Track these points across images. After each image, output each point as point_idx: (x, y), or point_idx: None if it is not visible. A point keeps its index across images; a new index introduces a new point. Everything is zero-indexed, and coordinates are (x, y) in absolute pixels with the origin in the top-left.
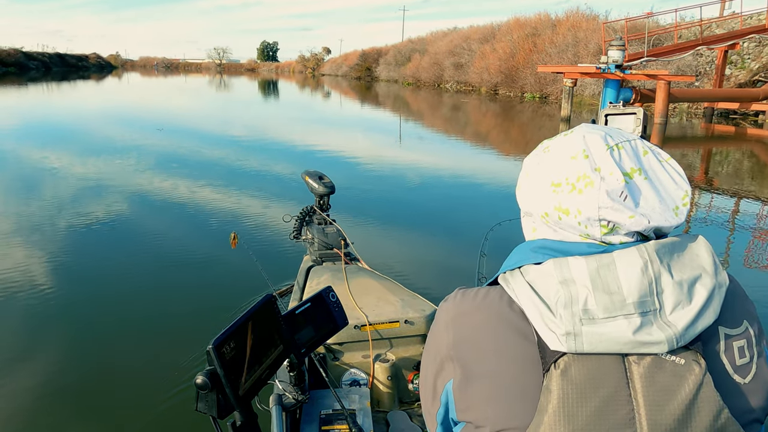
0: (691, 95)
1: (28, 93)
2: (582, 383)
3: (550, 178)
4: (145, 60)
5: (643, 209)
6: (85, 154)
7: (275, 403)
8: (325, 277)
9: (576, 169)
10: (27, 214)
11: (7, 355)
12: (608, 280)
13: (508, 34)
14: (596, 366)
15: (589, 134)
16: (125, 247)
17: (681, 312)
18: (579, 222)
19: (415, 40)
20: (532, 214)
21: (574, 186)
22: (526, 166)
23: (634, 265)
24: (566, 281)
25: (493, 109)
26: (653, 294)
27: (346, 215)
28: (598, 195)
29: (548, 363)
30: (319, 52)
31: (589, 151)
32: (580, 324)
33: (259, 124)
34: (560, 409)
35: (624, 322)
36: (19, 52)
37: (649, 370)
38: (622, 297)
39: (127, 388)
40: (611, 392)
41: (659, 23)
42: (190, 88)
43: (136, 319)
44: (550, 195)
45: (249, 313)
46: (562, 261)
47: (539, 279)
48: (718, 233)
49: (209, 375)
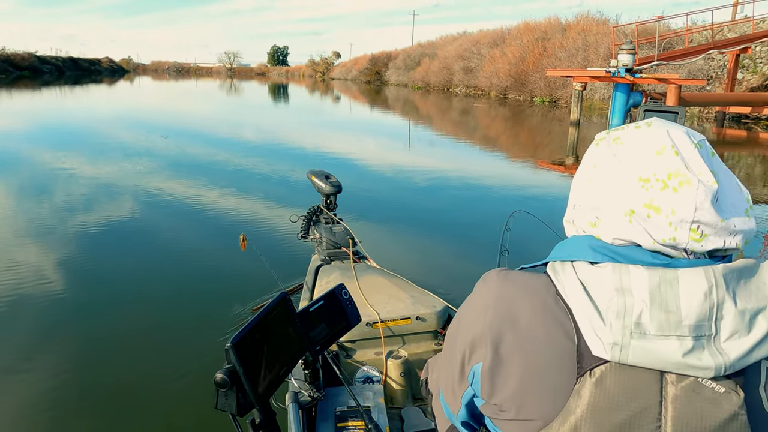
0: (702, 99)
1: (42, 96)
2: (615, 395)
3: (635, 171)
4: (156, 64)
5: (730, 213)
6: (95, 156)
7: (291, 401)
8: (335, 276)
9: (666, 165)
10: (40, 216)
11: (21, 354)
12: (668, 298)
13: (517, 38)
14: (633, 380)
15: (672, 129)
16: (135, 249)
17: (737, 342)
18: (670, 222)
19: (425, 44)
20: (601, 209)
21: (666, 183)
22: (596, 158)
23: (698, 287)
24: (623, 290)
25: (503, 114)
26: (712, 319)
27: (355, 215)
28: (696, 195)
29: (584, 369)
30: (329, 56)
31: (677, 148)
32: (630, 337)
33: (269, 127)
34: (588, 415)
35: (676, 343)
36: (33, 56)
37: (686, 392)
38: (679, 318)
39: (142, 386)
40: (642, 408)
41: (670, 27)
42: (201, 92)
43: (148, 318)
44: (639, 191)
45: (265, 311)
46: (622, 267)
47: (594, 280)
48: None
49: (228, 373)
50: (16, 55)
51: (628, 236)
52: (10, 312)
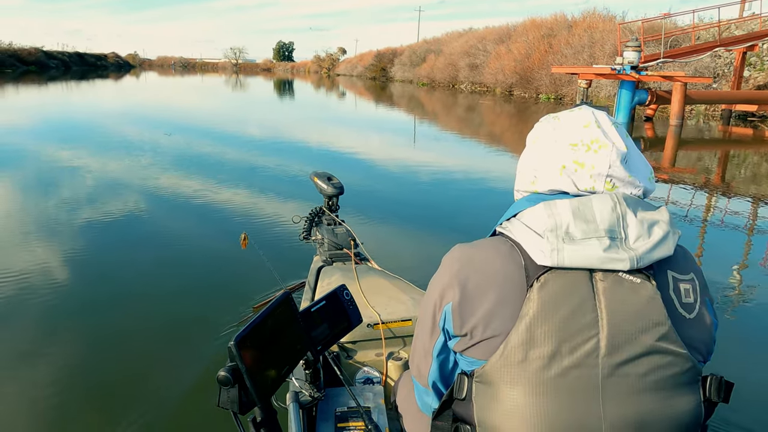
0: (708, 97)
1: (49, 91)
2: (557, 293)
3: (567, 138)
4: (162, 59)
5: (635, 173)
6: (99, 151)
7: (292, 401)
8: (336, 277)
9: (590, 134)
10: (39, 210)
11: (25, 348)
12: (586, 213)
13: (523, 35)
14: (569, 281)
15: (596, 111)
16: (135, 244)
17: (641, 242)
18: (590, 175)
19: (431, 41)
20: (539, 168)
21: (589, 147)
22: (539, 130)
23: (606, 203)
24: (553, 214)
25: (508, 110)
26: (620, 226)
27: (358, 215)
28: (610, 155)
29: (532, 279)
30: (334, 52)
31: (599, 123)
32: (562, 243)
33: (273, 123)
34: (538, 313)
35: (597, 243)
36: (40, 51)
37: (612, 284)
38: (596, 225)
39: (142, 382)
40: (581, 301)
41: (677, 24)
42: (207, 87)
43: (148, 314)
44: (569, 152)
45: (268, 310)
46: (551, 202)
47: (531, 216)
48: (736, 236)
49: (231, 371)
50: (23, 50)
51: (558, 186)
52: (12, 305)
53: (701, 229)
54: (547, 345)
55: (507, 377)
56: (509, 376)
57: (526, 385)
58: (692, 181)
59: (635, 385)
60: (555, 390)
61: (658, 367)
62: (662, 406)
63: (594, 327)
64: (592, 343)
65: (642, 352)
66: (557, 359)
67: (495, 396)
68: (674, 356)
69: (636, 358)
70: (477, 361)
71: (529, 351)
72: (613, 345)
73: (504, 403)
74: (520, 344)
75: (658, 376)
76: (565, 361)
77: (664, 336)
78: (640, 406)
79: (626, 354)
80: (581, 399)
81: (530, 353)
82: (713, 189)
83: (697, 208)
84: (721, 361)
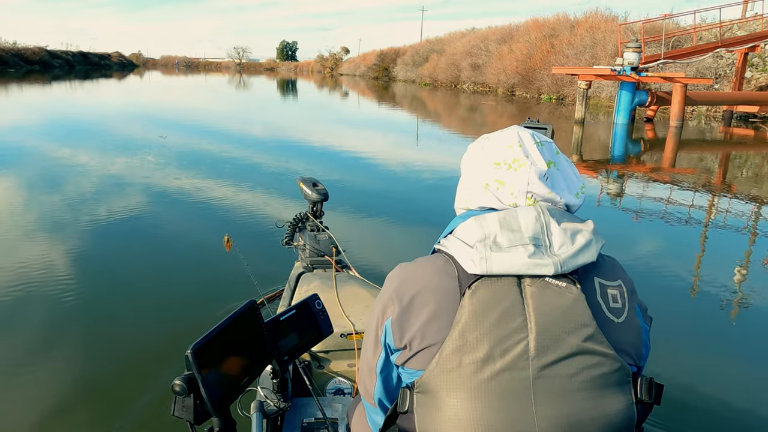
0: (709, 98)
1: (52, 90)
2: (487, 299)
3: (492, 158)
4: (166, 59)
5: (557, 189)
6: (96, 150)
7: (256, 410)
8: (315, 284)
9: (512, 154)
10: (29, 210)
11: (23, 342)
12: (511, 223)
13: (525, 35)
14: (498, 287)
15: (521, 131)
16: (118, 244)
17: (565, 248)
18: (511, 192)
19: (433, 41)
20: (471, 188)
21: (510, 166)
22: (471, 151)
23: (530, 214)
24: (482, 226)
25: (510, 111)
26: (544, 234)
27: (344, 220)
28: (528, 174)
29: (464, 288)
30: (337, 51)
31: (522, 143)
32: (490, 251)
33: (275, 123)
34: (470, 319)
35: (522, 250)
36: (44, 50)
37: (539, 289)
38: (522, 233)
39: (106, 387)
40: (509, 305)
41: (679, 25)
42: (210, 87)
43: (121, 318)
44: (493, 170)
45: (230, 318)
46: (480, 216)
47: (464, 231)
48: (738, 238)
49: (186, 380)
50: (27, 49)
51: (486, 203)
52: (12, 301)
53: (702, 231)
54: (479, 350)
55: (444, 384)
56: (446, 383)
57: (462, 390)
58: (693, 183)
59: (565, 386)
60: (489, 393)
61: (586, 367)
62: (593, 405)
63: (523, 330)
64: (521, 346)
65: (570, 353)
66: (489, 363)
67: (434, 405)
68: (602, 356)
69: (564, 358)
70: (416, 372)
71: (463, 356)
72: (542, 347)
73: (442, 410)
74: (454, 350)
75: (587, 376)
76: (497, 365)
77: (590, 337)
78: (571, 406)
79: (554, 355)
80: (514, 401)
81: (464, 358)
82: (714, 190)
83: (698, 209)
84: (724, 361)
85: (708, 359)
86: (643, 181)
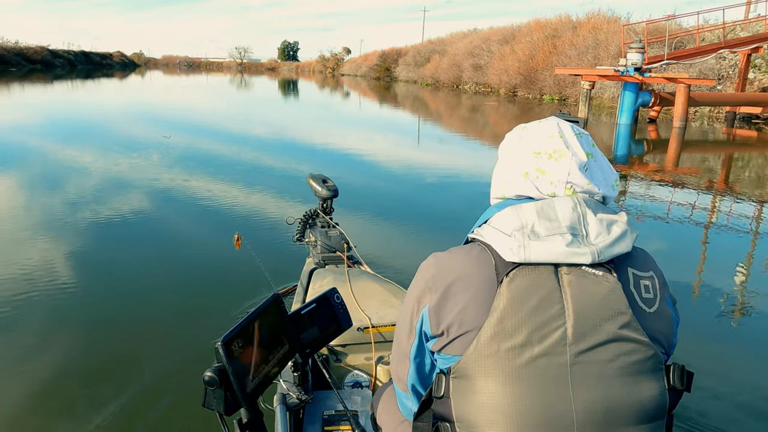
0: (712, 99)
1: (54, 90)
2: (525, 287)
3: (531, 147)
4: (168, 58)
5: (595, 181)
6: (98, 150)
7: (279, 403)
8: (328, 280)
9: (553, 144)
10: (34, 206)
11: (24, 339)
12: (549, 212)
13: (528, 36)
14: (536, 275)
15: (561, 122)
16: (127, 245)
17: (601, 238)
18: (551, 182)
19: (435, 41)
20: (508, 175)
21: (551, 156)
22: (508, 140)
23: (567, 204)
24: (519, 215)
25: (512, 111)
26: (581, 224)
27: (353, 217)
28: (569, 164)
29: (501, 276)
30: (339, 52)
31: (562, 134)
32: (528, 240)
33: (277, 123)
34: (508, 306)
35: (560, 239)
36: (46, 50)
37: (576, 277)
38: (559, 223)
39: (130, 383)
40: (547, 293)
41: (682, 25)
42: (212, 86)
43: (140, 314)
44: (533, 159)
45: (256, 312)
46: (517, 206)
47: (500, 220)
48: (740, 239)
49: (217, 371)
50: (29, 48)
51: (523, 192)
52: (13, 299)
53: (704, 231)
54: (517, 336)
55: (481, 369)
56: (483, 368)
57: (499, 375)
58: (695, 183)
59: (601, 371)
60: (526, 378)
61: (621, 353)
62: (628, 391)
63: (561, 317)
64: (559, 332)
65: (606, 340)
66: (527, 349)
67: (471, 389)
68: (636, 344)
69: (600, 345)
70: (453, 357)
71: (501, 342)
72: (579, 333)
73: (479, 394)
74: (492, 336)
75: (622, 362)
76: (535, 350)
77: (626, 324)
78: (608, 391)
79: (591, 341)
80: (551, 386)
81: (502, 344)
82: (716, 191)
83: (701, 210)
84: (725, 360)
85: (707, 359)
86: (646, 181)
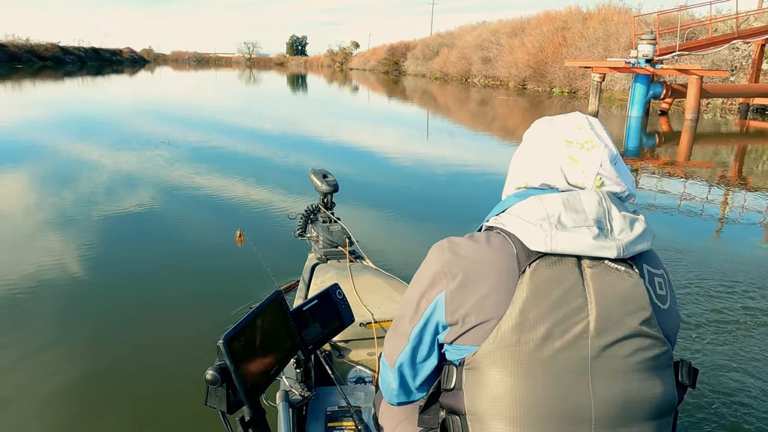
0: (724, 91)
1: (65, 86)
2: (548, 278)
3: (563, 136)
4: (177, 54)
5: (623, 176)
6: (106, 146)
7: (282, 399)
8: (330, 275)
9: (584, 135)
10: (43, 202)
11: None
12: (575, 204)
13: (537, 28)
14: (560, 267)
15: (588, 116)
16: (127, 242)
17: (624, 234)
18: (583, 171)
19: (444, 35)
20: (535, 162)
21: (583, 145)
22: (536, 128)
23: (593, 198)
24: (544, 205)
25: (522, 104)
26: (606, 218)
27: (355, 212)
28: (602, 155)
29: (523, 266)
30: (347, 46)
31: (592, 126)
32: (555, 230)
33: (285, 118)
34: (531, 297)
35: (587, 231)
36: (56, 46)
37: (599, 271)
38: (586, 215)
39: (132, 382)
40: (570, 285)
41: (694, 16)
42: (221, 82)
43: (139, 316)
44: (564, 147)
45: (258, 309)
46: (541, 195)
47: (524, 209)
48: (753, 231)
49: (219, 370)
50: (40, 45)
51: (551, 180)
52: (13, 297)
53: (718, 224)
54: (539, 328)
55: (500, 360)
56: (502, 360)
57: (518, 367)
58: (708, 176)
59: (621, 366)
60: (546, 371)
61: (640, 349)
62: (645, 386)
63: (583, 310)
64: (581, 326)
65: (627, 335)
66: (549, 341)
67: (485, 381)
68: (654, 339)
69: (621, 339)
70: (468, 348)
71: (522, 334)
72: (602, 327)
73: (496, 387)
74: (513, 327)
75: (640, 357)
76: (556, 344)
77: (646, 320)
78: (626, 386)
79: (613, 336)
80: (572, 379)
81: (523, 336)
82: (729, 184)
83: (713, 204)
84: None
85: (708, 358)
86: (657, 174)
